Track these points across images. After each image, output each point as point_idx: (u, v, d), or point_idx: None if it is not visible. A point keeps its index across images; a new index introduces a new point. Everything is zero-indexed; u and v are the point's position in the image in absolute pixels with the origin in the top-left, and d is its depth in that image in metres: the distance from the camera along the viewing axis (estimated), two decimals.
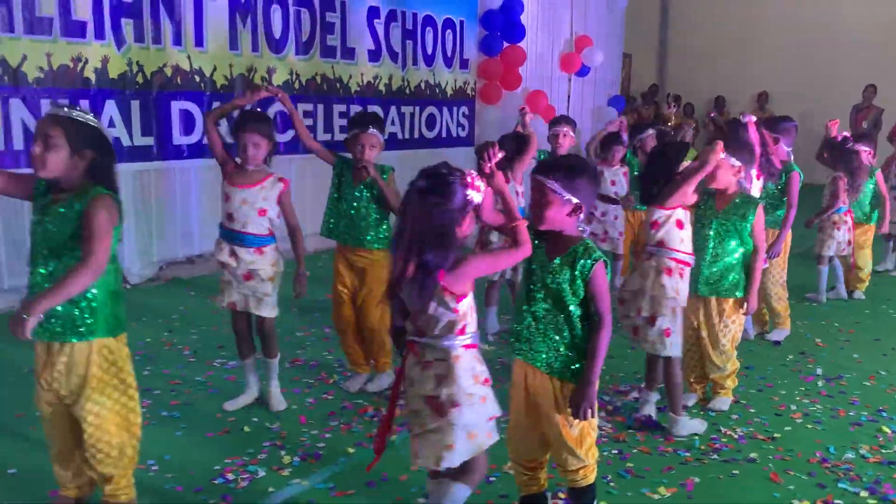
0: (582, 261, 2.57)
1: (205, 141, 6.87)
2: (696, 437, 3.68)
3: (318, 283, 4.99)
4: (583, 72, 11.95)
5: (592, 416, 2.63)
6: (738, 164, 3.77)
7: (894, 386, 4.44)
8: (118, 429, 2.75)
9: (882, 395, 4.31)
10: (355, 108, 8.38)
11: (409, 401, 2.49)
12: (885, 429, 3.84)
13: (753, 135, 4.35)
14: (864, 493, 3.19)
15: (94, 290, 2.61)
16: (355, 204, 4.03)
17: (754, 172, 4.19)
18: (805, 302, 6.18)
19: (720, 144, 3.65)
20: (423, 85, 9.29)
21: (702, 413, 3.97)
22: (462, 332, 2.44)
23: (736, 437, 3.71)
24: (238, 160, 3.75)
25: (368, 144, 3.97)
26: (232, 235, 3.72)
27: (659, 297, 3.60)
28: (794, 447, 3.61)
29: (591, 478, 2.72)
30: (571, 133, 5.58)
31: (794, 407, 4.10)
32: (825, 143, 6.29)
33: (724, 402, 4.07)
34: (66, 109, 2.67)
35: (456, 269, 2.39)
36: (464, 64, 9.90)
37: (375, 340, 4.16)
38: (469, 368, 2.46)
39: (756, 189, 4.34)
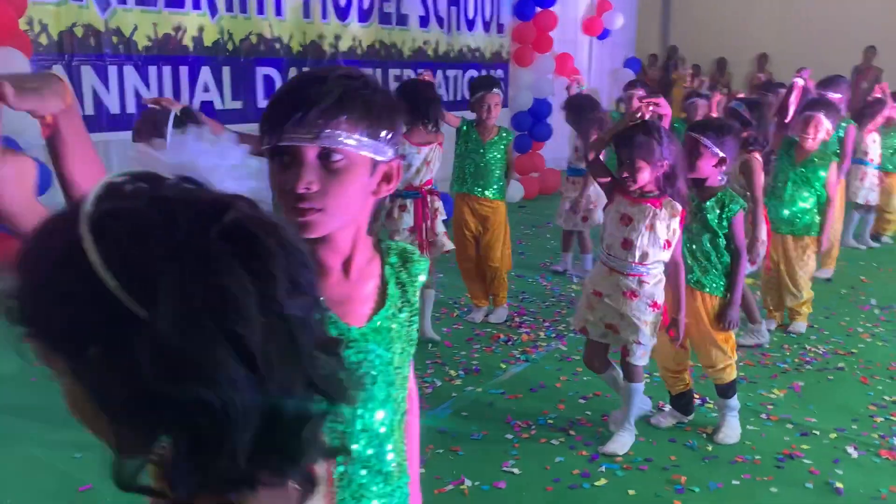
0: (730, 205, 3.18)
1: None
2: (787, 354, 4.32)
3: None
4: (603, 35, 12.46)
5: (735, 327, 3.27)
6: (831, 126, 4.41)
7: None
8: None
9: None
10: (408, 73, 8.85)
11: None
12: None
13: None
14: None
15: None
16: (485, 160, 4.58)
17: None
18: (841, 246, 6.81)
19: None
20: (465, 49, 9.76)
21: (784, 335, 4.61)
22: None
23: (820, 353, 4.35)
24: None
25: (493, 104, 4.53)
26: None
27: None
28: (871, 359, 4.26)
29: (734, 374, 3.34)
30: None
31: (860, 329, 4.75)
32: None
33: (801, 325, 4.70)
34: None
35: None
36: (500, 28, 10.38)
37: (497, 277, 4.74)
38: None
39: None
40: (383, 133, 1.17)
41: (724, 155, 3.19)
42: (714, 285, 3.23)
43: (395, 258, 1.30)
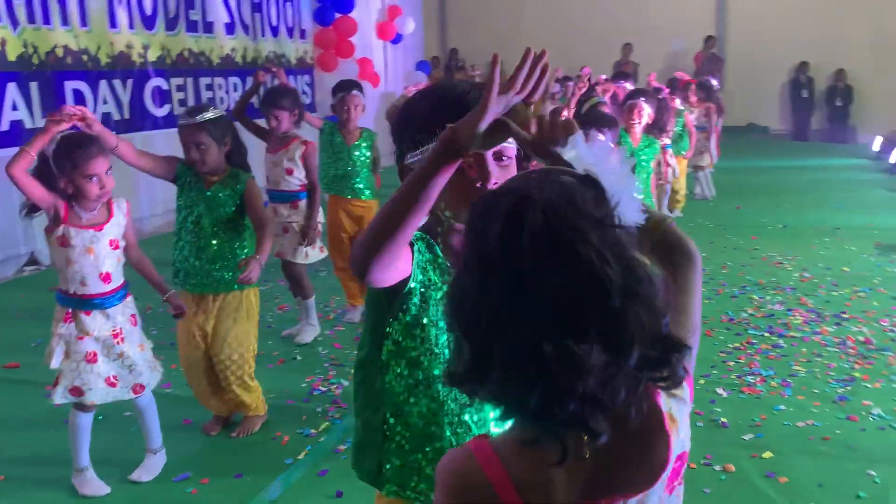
0: None
1: None
2: None
3: None
4: (396, 39, 12.83)
5: None
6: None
7: (741, 272, 5.95)
8: (251, 357, 3.36)
9: (737, 277, 5.79)
10: (219, 81, 8.67)
11: None
12: (754, 297, 5.29)
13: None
14: (766, 334, 4.55)
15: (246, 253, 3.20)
16: (352, 160, 4.70)
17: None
18: None
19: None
20: (271, 55, 9.69)
21: None
22: None
23: None
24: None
25: (354, 105, 4.65)
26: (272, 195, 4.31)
27: None
28: (705, 314, 4.90)
29: None
30: None
31: None
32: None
33: None
34: (198, 116, 3.15)
35: None
36: (302, 34, 10.40)
37: None
38: None
39: None
40: None
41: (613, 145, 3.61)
42: None
43: None
